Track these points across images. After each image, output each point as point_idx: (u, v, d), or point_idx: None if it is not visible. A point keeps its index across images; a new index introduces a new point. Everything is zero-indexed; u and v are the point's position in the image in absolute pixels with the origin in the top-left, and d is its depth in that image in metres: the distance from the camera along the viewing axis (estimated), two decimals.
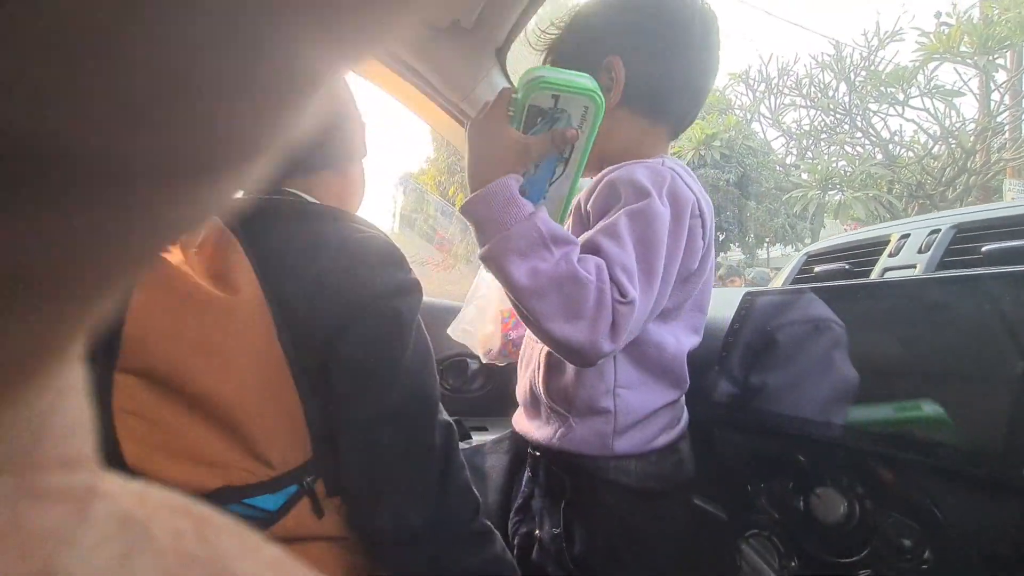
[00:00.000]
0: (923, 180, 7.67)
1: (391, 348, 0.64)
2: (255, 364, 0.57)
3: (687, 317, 0.73)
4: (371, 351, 0.63)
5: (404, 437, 0.64)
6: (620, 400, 0.71)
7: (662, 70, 0.70)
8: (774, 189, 10.78)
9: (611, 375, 0.71)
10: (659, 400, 0.73)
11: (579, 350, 0.57)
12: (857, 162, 8.40)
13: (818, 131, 9.17)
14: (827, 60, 8.44)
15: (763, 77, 9.32)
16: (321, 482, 0.63)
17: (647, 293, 0.59)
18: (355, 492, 0.64)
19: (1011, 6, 6.07)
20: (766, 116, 9.57)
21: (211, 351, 0.54)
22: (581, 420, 0.73)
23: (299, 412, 0.61)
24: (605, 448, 0.71)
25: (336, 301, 0.62)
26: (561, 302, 0.58)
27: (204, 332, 0.54)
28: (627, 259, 0.59)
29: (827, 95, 8.60)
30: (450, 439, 0.71)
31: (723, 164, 10.42)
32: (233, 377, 0.55)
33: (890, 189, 8.15)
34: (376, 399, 0.62)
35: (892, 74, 7.41)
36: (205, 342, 0.54)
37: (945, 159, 7.53)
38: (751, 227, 11.43)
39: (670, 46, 0.69)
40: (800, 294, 0.69)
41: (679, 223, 0.62)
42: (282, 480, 0.58)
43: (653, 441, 0.73)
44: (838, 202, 7.86)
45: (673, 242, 0.62)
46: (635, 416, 0.72)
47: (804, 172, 9.05)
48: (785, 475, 0.64)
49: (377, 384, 0.62)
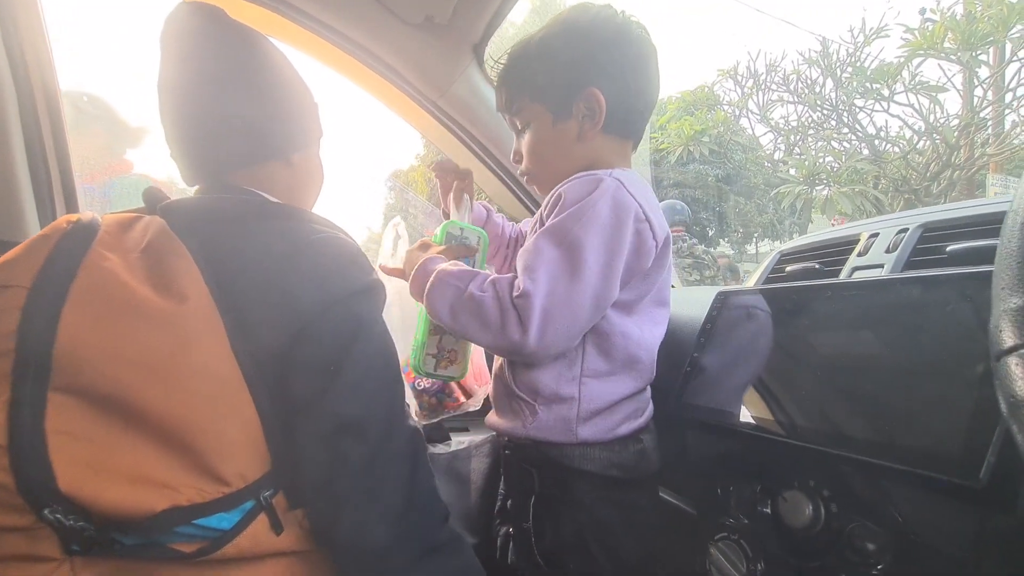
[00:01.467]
0: (908, 175, 7.74)
1: (350, 354, 0.61)
2: (206, 376, 0.54)
3: (648, 311, 0.76)
4: (329, 357, 0.60)
5: (367, 447, 0.61)
6: (585, 388, 0.73)
7: (632, 95, 0.76)
8: (762, 185, 10.84)
9: (579, 364, 0.73)
10: (623, 390, 0.75)
11: (509, 352, 0.67)
12: (843, 157, 8.45)
13: (805, 127, 9.21)
14: (814, 56, 8.47)
15: (751, 73, 9.33)
16: (282, 495, 0.61)
17: (572, 285, 0.66)
18: (316, 505, 0.62)
19: (994, 3, 6.13)
20: (754, 112, 9.59)
21: (155, 365, 0.51)
22: (547, 407, 0.75)
23: (256, 423, 0.58)
24: (569, 434, 0.74)
25: (292, 306, 0.60)
26: (473, 320, 0.68)
27: (147, 345, 0.51)
28: (533, 261, 0.67)
29: (814, 91, 8.63)
30: (416, 445, 0.69)
31: (712, 160, 10.45)
32: (181, 391, 0.52)
33: (876, 184, 8.22)
34: (336, 408, 0.60)
35: (877, 70, 7.46)
36: (149, 356, 0.51)
37: (930, 154, 7.60)
38: (739, 222, 11.48)
39: (640, 74, 0.76)
40: (771, 294, 0.68)
41: (621, 226, 0.68)
42: (237, 496, 0.55)
43: (616, 429, 0.75)
44: (825, 197, 7.90)
45: (615, 242, 0.67)
46: (599, 404, 0.74)
47: (792, 168, 9.09)
48: (753, 477, 0.64)
49: (336, 392, 0.60)
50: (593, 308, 0.68)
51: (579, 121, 0.76)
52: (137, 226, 0.63)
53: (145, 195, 0.67)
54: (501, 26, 1.22)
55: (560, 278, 0.66)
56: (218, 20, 0.71)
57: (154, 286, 0.56)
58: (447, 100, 1.33)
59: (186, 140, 0.72)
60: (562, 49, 0.77)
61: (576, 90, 0.75)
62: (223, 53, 0.70)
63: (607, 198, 0.68)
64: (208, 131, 0.71)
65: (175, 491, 0.52)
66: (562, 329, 0.67)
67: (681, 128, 10.04)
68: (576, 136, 0.77)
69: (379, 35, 1.21)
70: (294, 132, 0.76)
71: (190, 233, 0.61)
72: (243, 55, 0.72)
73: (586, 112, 0.75)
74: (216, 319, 0.57)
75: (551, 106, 0.77)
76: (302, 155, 0.78)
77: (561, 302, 0.66)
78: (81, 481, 0.48)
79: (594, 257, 0.66)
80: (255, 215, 0.66)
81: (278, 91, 0.74)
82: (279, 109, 0.74)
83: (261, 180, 0.75)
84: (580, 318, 0.68)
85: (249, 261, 0.61)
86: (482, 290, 0.69)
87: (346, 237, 0.69)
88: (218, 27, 0.70)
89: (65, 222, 0.57)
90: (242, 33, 0.72)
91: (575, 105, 0.76)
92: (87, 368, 0.50)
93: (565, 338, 0.68)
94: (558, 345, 0.68)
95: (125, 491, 0.50)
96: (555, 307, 0.66)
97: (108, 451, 0.50)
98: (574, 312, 0.67)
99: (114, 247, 0.57)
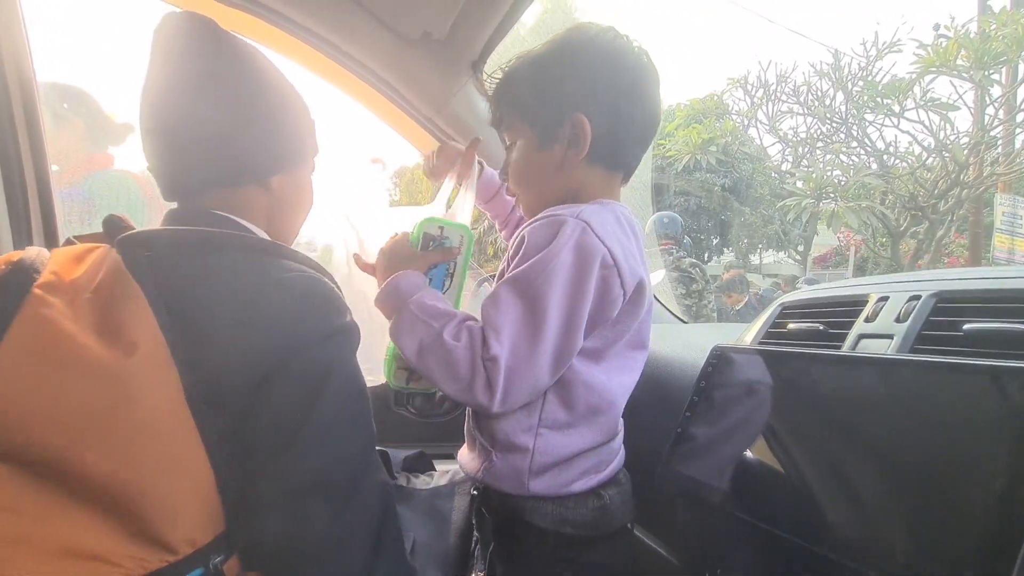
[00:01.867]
0: (916, 191, 7.67)
1: (316, 406, 0.57)
2: (152, 434, 0.50)
3: (619, 356, 0.73)
4: (293, 410, 0.56)
5: (331, 509, 0.57)
6: (540, 439, 0.70)
7: (623, 125, 0.73)
8: (768, 196, 10.78)
9: (537, 413, 0.70)
10: (582, 443, 0.71)
11: (473, 406, 0.66)
12: (851, 171, 8.38)
13: (814, 139, 9.14)
14: (825, 68, 8.40)
15: (761, 83, 9.26)
16: (235, 559, 0.57)
17: (533, 344, 0.64)
18: (274, 567, 0.58)
19: (1008, 22, 6.08)
20: (763, 122, 9.51)
21: (95, 424, 0.47)
22: (502, 455, 0.72)
23: (210, 481, 0.54)
24: (521, 487, 0.70)
25: (254, 352, 0.55)
26: (441, 368, 0.65)
27: (86, 403, 0.47)
28: (498, 317, 0.65)
29: (824, 103, 8.57)
30: (385, 504, 0.65)
31: (718, 169, 10.40)
32: (123, 452, 0.48)
33: (883, 200, 8.16)
34: (298, 466, 0.56)
35: (889, 85, 7.40)
36: (88, 415, 0.47)
37: (938, 171, 7.54)
38: (744, 232, 11.43)
39: (634, 102, 0.72)
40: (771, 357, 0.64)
41: (584, 273, 0.65)
42: (183, 565, 0.52)
43: (570, 485, 0.71)
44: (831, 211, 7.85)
45: (575, 290, 0.65)
46: (553, 457, 0.70)
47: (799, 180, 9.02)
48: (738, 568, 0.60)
49: (299, 449, 0.56)
50: (554, 365, 0.66)
51: (563, 147, 0.74)
52: (90, 259, 0.59)
53: (105, 223, 0.63)
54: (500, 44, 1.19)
55: (522, 335, 0.65)
56: (201, 29, 0.66)
57: (101, 334, 0.52)
58: (444, 117, 1.30)
59: (157, 154, 0.69)
60: (553, 70, 0.74)
61: (563, 115, 0.72)
62: (201, 63, 0.66)
63: (570, 245, 0.65)
64: (180, 146, 0.68)
65: (112, 565, 0.48)
66: (525, 388, 0.66)
67: (689, 136, 9.97)
68: (559, 163, 0.74)
69: (377, 50, 1.19)
70: (277, 151, 0.71)
71: (147, 271, 0.56)
72: (222, 65, 0.67)
73: (571, 139, 0.73)
74: (169, 369, 0.53)
75: (538, 128, 0.75)
76: (285, 178, 0.74)
77: (523, 362, 0.64)
78: (7, 560, 0.44)
79: (555, 312, 0.64)
80: (218, 248, 0.61)
81: (261, 105, 0.69)
82: (260, 125, 0.69)
83: (236, 205, 0.71)
84: (542, 376, 0.66)
85: (210, 303, 0.57)
86: (455, 339, 0.66)
87: (318, 275, 0.65)
88: (200, 36, 0.66)
89: (4, 263, 0.53)
90: (226, 44, 0.68)
91: (560, 130, 0.73)
92: (17, 431, 0.46)
93: (527, 395, 0.67)
94: (520, 402, 0.67)
95: (57, 568, 0.46)
96: (518, 367, 0.64)
97: (39, 524, 0.46)
98: (536, 372, 0.65)
99: (60, 289, 0.53)
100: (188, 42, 0.66)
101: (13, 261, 0.53)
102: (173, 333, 0.53)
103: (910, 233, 8.19)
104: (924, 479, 0.46)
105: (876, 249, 9.01)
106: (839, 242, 12.33)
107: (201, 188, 0.69)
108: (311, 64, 1.23)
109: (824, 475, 0.54)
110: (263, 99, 0.70)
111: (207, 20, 0.67)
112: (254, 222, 0.70)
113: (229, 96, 0.67)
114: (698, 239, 12.29)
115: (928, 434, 0.46)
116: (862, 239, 9.49)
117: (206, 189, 0.69)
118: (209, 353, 0.54)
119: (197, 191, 0.69)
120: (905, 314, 0.60)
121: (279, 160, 0.73)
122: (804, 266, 12.15)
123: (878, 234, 8.86)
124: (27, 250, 0.55)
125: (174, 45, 0.65)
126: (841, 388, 0.55)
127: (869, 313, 0.65)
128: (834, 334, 0.68)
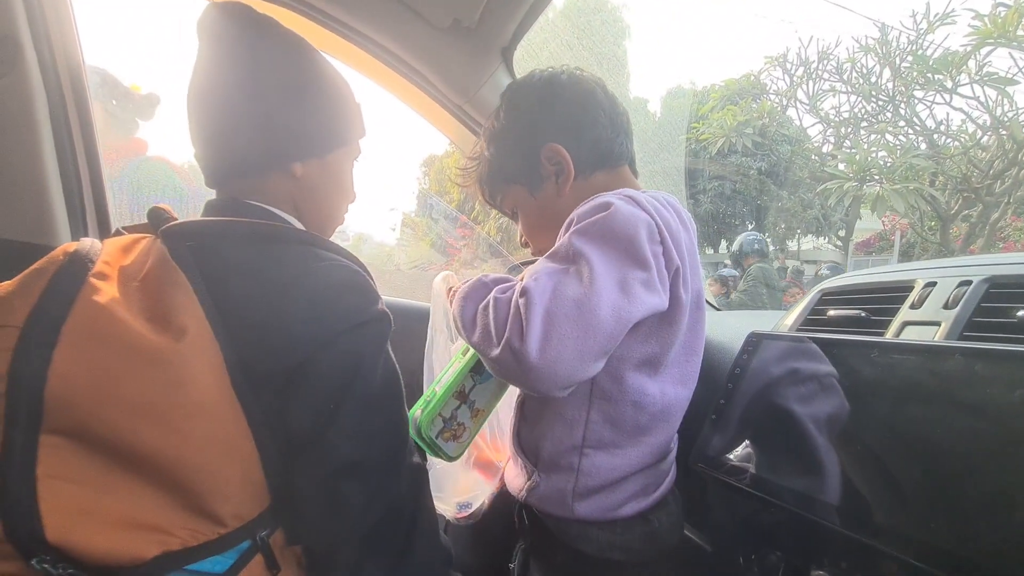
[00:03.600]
0: (969, 172, 7.26)
1: (350, 392, 0.59)
2: (203, 415, 0.53)
3: (677, 365, 0.68)
4: (328, 396, 0.58)
5: (366, 488, 0.60)
6: (585, 459, 0.66)
7: (591, 128, 0.74)
8: (808, 179, 10.38)
9: (580, 430, 0.66)
10: (630, 466, 0.68)
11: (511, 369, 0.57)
12: (898, 152, 7.98)
13: (858, 119, 8.73)
14: (871, 44, 7.99)
15: (801, 61, 8.87)
16: (280, 532, 0.60)
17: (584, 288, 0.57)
18: (312, 547, 0.61)
19: None
20: (803, 102, 9.13)
21: (151, 406, 0.50)
22: (546, 475, 0.69)
23: (255, 460, 0.57)
24: (566, 509, 0.68)
25: (291, 340, 0.58)
26: (483, 326, 0.61)
27: (142, 386, 0.50)
28: (540, 267, 0.61)
29: (869, 81, 8.16)
30: (419, 485, 0.67)
31: (755, 152, 10.07)
32: (177, 432, 0.51)
33: (932, 182, 7.76)
34: (335, 450, 0.58)
35: (941, 59, 6.98)
36: (144, 397, 0.50)
37: (994, 151, 7.11)
38: (782, 218, 11.07)
39: (588, 109, 0.75)
40: (810, 344, 0.62)
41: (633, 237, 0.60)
42: (232, 537, 0.55)
43: (618, 509, 0.68)
44: (875, 194, 7.50)
45: (629, 257, 0.60)
46: (600, 480, 0.67)
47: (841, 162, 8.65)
48: (776, 552, 0.59)
49: (335, 432, 0.58)
50: (613, 320, 0.56)
51: (554, 180, 0.76)
52: (137, 249, 0.62)
53: (149, 215, 0.66)
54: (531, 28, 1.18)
55: (567, 282, 0.57)
56: (241, 16, 0.69)
57: (151, 320, 0.55)
58: (474, 104, 1.30)
59: (198, 140, 0.71)
60: (507, 128, 0.78)
61: (535, 154, 0.75)
62: (240, 49, 0.68)
63: (619, 212, 0.61)
64: (216, 133, 0.70)
65: (167, 535, 0.52)
66: (570, 342, 0.55)
67: (724, 118, 9.65)
68: (557, 194, 0.76)
69: (406, 39, 1.19)
70: (303, 136, 0.71)
71: (190, 260, 0.59)
72: (261, 50, 0.69)
73: (555, 168, 0.75)
74: (215, 354, 0.55)
75: (522, 180, 0.78)
76: (311, 165, 0.74)
77: (569, 306, 0.55)
78: (70, 529, 0.48)
79: (604, 268, 0.58)
80: (255, 238, 0.63)
81: (292, 90, 0.70)
82: (285, 110, 0.69)
83: (265, 191, 0.72)
84: (595, 329, 0.55)
85: (249, 290, 0.59)
86: (502, 292, 0.62)
87: (350, 264, 0.66)
88: (240, 24, 0.69)
89: (62, 253, 0.56)
90: (265, 28, 0.70)
91: (541, 169, 0.75)
92: (79, 411, 0.49)
93: (574, 355, 0.55)
94: (564, 363, 0.54)
95: (115, 537, 0.49)
96: (557, 312, 0.55)
97: (100, 495, 0.50)
98: (587, 320, 0.55)
99: (112, 277, 0.56)
100: (228, 30, 0.68)
101: (70, 252, 0.56)
102: (216, 318, 0.56)
103: (961, 216, 7.77)
104: (973, 471, 0.45)
105: (924, 234, 8.59)
106: (884, 227, 11.81)
107: (233, 175, 0.72)
108: (342, 55, 1.25)
109: (865, 464, 0.53)
110: (297, 86, 0.70)
111: (246, 8, 0.69)
112: (282, 209, 0.72)
113: (260, 84, 0.68)
114: (732, 224, 11.97)
115: (976, 424, 0.44)
116: (909, 223, 9.06)
117: (237, 176, 0.71)
118: (250, 338, 0.57)
119: (230, 178, 0.72)
120: (954, 300, 0.57)
121: (310, 143, 0.72)
122: (846, 252, 11.70)
123: (926, 218, 8.44)
124: (82, 241, 0.58)
125: (215, 34, 0.68)
126: (885, 377, 0.53)
127: (915, 299, 0.62)
128: (877, 321, 0.66)
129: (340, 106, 0.75)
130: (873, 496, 0.51)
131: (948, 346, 0.48)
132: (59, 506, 0.47)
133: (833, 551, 0.54)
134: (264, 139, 0.69)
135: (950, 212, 7.52)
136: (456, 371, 0.77)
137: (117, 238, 0.63)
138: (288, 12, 1.12)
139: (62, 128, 1.09)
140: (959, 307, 0.56)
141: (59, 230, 1.09)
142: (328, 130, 0.74)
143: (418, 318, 1.61)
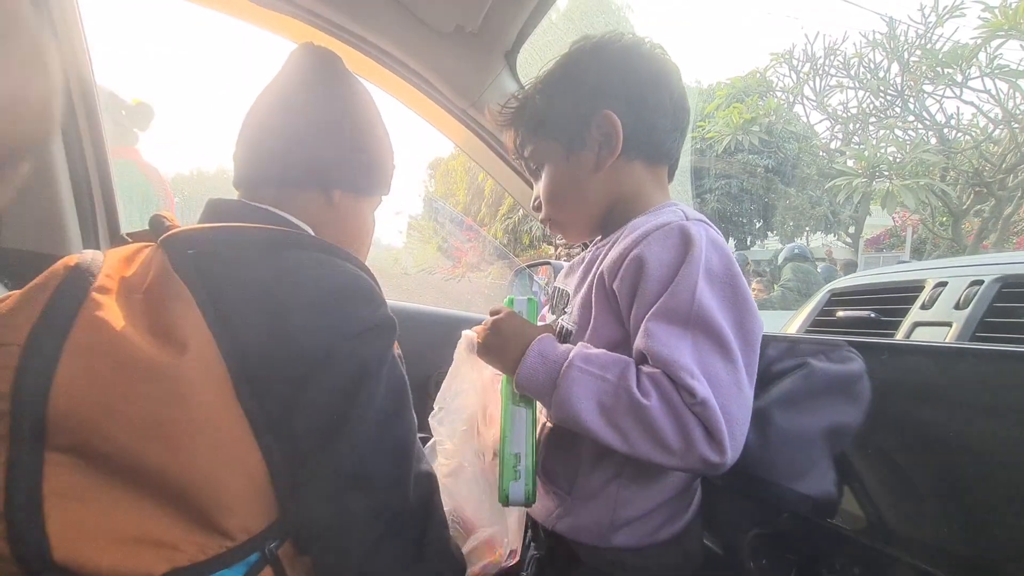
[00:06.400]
0: (980, 167, 7.17)
1: (355, 402, 0.58)
2: (208, 430, 0.52)
3: None
4: (333, 406, 0.57)
5: (373, 501, 0.58)
6: (625, 491, 0.65)
7: (653, 112, 0.68)
8: (816, 176, 10.30)
9: (619, 462, 0.65)
10: (666, 492, 0.66)
11: (698, 471, 0.55)
12: (908, 147, 7.90)
13: (866, 114, 8.65)
14: (879, 38, 7.92)
15: (808, 57, 8.82)
16: (289, 543, 0.59)
17: (729, 369, 0.54)
18: (319, 560, 0.60)
19: None
20: (810, 99, 9.07)
21: (154, 422, 0.49)
22: (581, 504, 0.67)
23: (263, 472, 0.56)
24: (602, 539, 0.66)
25: (294, 349, 0.56)
26: (639, 431, 0.54)
27: (146, 402, 0.49)
28: (677, 356, 0.54)
29: (877, 76, 8.09)
30: (429, 495, 0.66)
31: (762, 149, 10.01)
32: (182, 447, 0.50)
33: (943, 176, 7.67)
34: (340, 460, 0.57)
35: (950, 53, 6.92)
36: (147, 413, 0.49)
37: (1007, 144, 7.02)
38: (790, 215, 10.99)
39: (660, 89, 0.69)
40: (819, 346, 0.62)
41: (734, 273, 0.58)
42: (241, 550, 0.54)
43: (655, 534, 0.66)
44: (885, 190, 7.42)
45: (734, 295, 0.57)
46: (638, 510, 0.65)
47: (849, 159, 8.58)
48: (784, 556, 0.58)
49: (341, 444, 0.57)
50: (752, 384, 0.56)
51: (595, 151, 0.69)
52: (139, 259, 0.61)
53: (151, 223, 0.65)
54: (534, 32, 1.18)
55: (713, 364, 0.54)
56: (326, 61, 0.77)
57: (154, 334, 0.54)
58: (478, 108, 1.30)
59: (250, 142, 0.74)
60: (566, 78, 0.71)
61: (587, 117, 0.68)
62: (313, 85, 0.75)
63: (710, 249, 0.57)
64: (262, 141, 0.73)
65: (175, 550, 0.51)
66: (743, 423, 0.54)
67: (730, 116, 9.60)
68: (593, 167, 0.69)
69: (410, 44, 1.19)
70: (347, 169, 0.75)
71: (191, 269, 0.58)
72: (329, 91, 0.75)
73: (602, 139, 0.68)
74: (219, 366, 0.54)
75: (562, 139, 0.71)
76: (349, 198, 0.76)
77: (730, 393, 0.53)
78: (77, 548, 0.47)
79: (728, 326, 0.55)
80: (268, 245, 0.63)
81: (350, 129, 0.75)
82: (344, 145, 0.74)
83: (294, 204, 0.73)
84: (750, 401, 0.55)
85: (251, 297, 0.58)
86: (645, 395, 0.54)
87: (357, 270, 0.65)
88: (322, 67, 0.76)
89: (63, 267, 0.55)
90: (341, 77, 0.77)
91: (587, 134, 0.68)
92: (84, 428, 0.48)
93: (746, 431, 0.54)
94: (743, 437, 0.54)
95: (122, 555, 0.48)
96: (729, 402, 0.53)
97: (106, 512, 0.49)
98: (746, 399, 0.54)
99: (114, 291, 0.56)
100: (310, 69, 0.75)
101: (71, 266, 0.55)
102: (219, 328, 0.55)
103: (974, 211, 7.67)
104: (986, 473, 0.44)
105: (935, 229, 8.49)
106: (894, 223, 11.68)
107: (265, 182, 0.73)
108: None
109: (875, 468, 0.52)
110: (357, 127, 0.76)
111: (334, 56, 0.77)
112: (303, 221, 0.72)
113: (327, 114, 0.73)
114: (740, 223, 11.88)
115: (988, 427, 0.44)
116: (919, 219, 8.95)
117: (266, 185, 0.73)
118: (253, 347, 0.55)
119: (259, 184, 0.73)
120: (966, 300, 0.56)
121: (351, 177, 0.76)
122: (855, 248, 11.59)
123: (937, 213, 8.34)
124: (83, 254, 0.58)
125: (297, 69, 0.75)
126: (896, 379, 0.53)
127: (926, 300, 0.61)
128: (887, 322, 0.65)
129: (387, 157, 0.80)
130: (885, 501, 0.50)
131: (960, 348, 0.47)
132: (66, 524, 0.46)
133: (846, 556, 0.53)
134: (321, 158, 0.72)
135: (962, 207, 7.43)
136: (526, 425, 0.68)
137: (119, 248, 0.63)
138: (294, 20, 1.12)
139: (73, 140, 1.11)
140: (971, 307, 0.55)
141: (71, 240, 1.10)
142: (375, 173, 0.78)
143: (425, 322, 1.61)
